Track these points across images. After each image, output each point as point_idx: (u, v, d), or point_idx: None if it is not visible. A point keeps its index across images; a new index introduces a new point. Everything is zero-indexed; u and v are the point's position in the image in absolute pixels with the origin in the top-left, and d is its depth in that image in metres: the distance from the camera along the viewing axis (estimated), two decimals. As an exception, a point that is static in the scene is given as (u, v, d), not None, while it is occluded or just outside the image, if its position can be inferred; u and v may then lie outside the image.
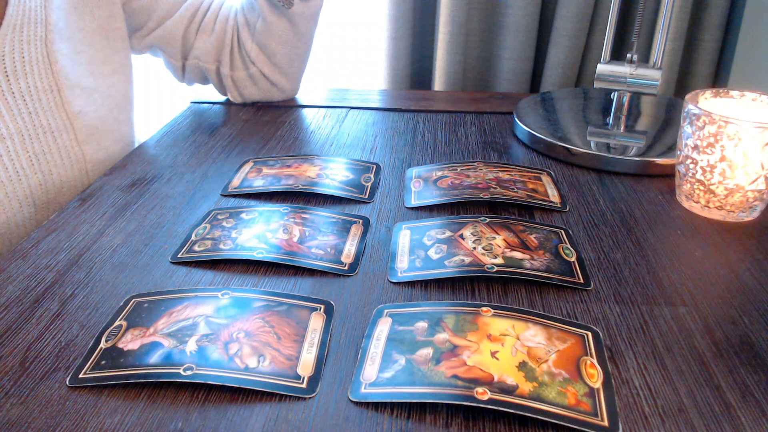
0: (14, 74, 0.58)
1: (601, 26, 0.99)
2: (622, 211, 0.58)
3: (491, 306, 0.43)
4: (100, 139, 0.67)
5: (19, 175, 0.59)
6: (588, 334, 0.41)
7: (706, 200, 0.56)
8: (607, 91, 0.84)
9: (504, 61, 1.01)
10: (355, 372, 0.38)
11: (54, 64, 0.61)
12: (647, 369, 0.39)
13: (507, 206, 0.58)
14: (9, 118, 0.58)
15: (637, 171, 0.65)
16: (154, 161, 0.68)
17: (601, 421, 0.34)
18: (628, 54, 0.76)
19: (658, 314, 0.44)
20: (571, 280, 0.47)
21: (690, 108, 0.56)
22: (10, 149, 0.58)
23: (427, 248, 0.50)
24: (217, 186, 0.62)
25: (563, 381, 0.37)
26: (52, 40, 0.61)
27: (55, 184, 0.63)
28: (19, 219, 0.60)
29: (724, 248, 0.52)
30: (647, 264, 0.50)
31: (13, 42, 0.57)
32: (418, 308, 0.43)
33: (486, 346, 0.39)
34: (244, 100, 0.84)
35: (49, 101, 0.61)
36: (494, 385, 0.36)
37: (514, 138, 0.75)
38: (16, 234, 0.60)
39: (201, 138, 0.74)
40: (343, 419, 0.35)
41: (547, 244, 0.51)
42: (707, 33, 0.99)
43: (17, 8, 0.58)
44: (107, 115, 0.69)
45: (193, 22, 0.78)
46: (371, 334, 0.41)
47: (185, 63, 0.81)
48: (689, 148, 0.56)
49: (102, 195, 0.60)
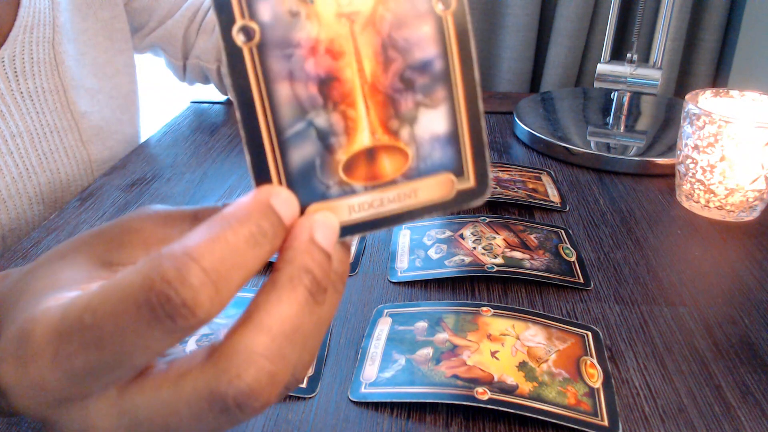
0: (23, 75, 0.58)
1: (601, 26, 1.00)
2: (622, 211, 0.58)
3: (491, 306, 0.43)
4: (104, 140, 0.68)
5: (29, 172, 0.60)
6: (588, 334, 0.41)
7: (706, 200, 0.56)
8: (607, 91, 0.84)
9: (504, 61, 1.01)
10: (355, 372, 0.38)
11: (61, 65, 0.62)
12: (647, 369, 0.39)
13: (507, 206, 0.58)
14: (18, 117, 0.58)
15: (637, 171, 0.65)
16: (154, 161, 0.68)
17: (601, 421, 0.34)
18: (628, 54, 0.76)
19: (658, 314, 0.44)
20: (571, 280, 0.47)
21: (690, 108, 0.56)
22: (20, 147, 0.59)
23: (427, 248, 0.50)
24: (217, 186, 0.62)
25: (563, 381, 0.37)
26: (59, 42, 0.62)
27: (62, 182, 0.63)
28: (29, 216, 0.60)
29: (724, 248, 0.52)
30: (647, 264, 0.50)
31: (23, 43, 0.58)
32: (418, 308, 0.43)
33: (486, 345, 0.39)
34: (245, 99, 0.84)
35: (56, 101, 0.62)
36: (494, 385, 0.36)
37: (514, 138, 0.75)
38: (26, 231, 0.60)
39: (201, 138, 0.74)
40: (343, 419, 0.35)
41: (547, 243, 0.51)
42: (707, 33, 0.99)
43: (28, 10, 0.59)
44: (111, 115, 0.69)
45: (193, 21, 0.79)
46: (371, 333, 0.41)
47: (186, 63, 0.81)
48: (689, 147, 0.56)
49: (102, 195, 0.60)
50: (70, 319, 0.19)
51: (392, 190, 0.23)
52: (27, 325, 0.20)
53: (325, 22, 0.21)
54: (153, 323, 0.18)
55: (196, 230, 0.19)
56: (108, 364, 0.19)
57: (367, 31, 0.21)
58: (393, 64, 0.22)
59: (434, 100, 0.22)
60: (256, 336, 0.19)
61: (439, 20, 0.22)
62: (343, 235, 0.22)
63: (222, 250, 0.19)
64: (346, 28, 0.21)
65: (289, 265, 0.20)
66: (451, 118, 0.23)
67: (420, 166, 0.23)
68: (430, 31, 0.22)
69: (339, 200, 0.22)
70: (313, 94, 0.21)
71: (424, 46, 0.22)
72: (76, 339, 0.19)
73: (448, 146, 0.23)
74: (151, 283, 0.18)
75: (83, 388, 0.20)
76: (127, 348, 0.19)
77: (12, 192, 0.58)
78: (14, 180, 0.59)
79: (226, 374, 0.19)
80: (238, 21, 0.20)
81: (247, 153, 0.21)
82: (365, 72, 0.22)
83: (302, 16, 0.21)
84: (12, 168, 0.58)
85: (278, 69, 0.21)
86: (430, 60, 0.22)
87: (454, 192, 0.23)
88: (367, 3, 0.21)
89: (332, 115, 0.22)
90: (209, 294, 0.18)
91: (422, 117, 0.22)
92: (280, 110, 0.21)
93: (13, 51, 0.58)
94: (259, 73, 0.21)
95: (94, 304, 0.19)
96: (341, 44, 0.21)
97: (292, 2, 0.21)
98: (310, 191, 0.22)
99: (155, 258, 0.19)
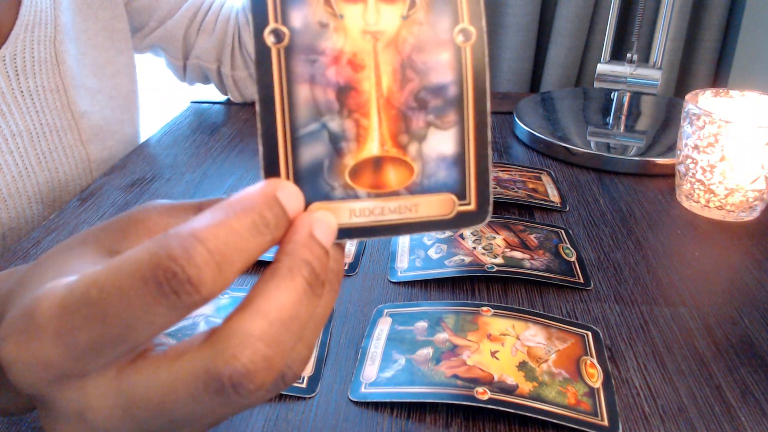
0: (24, 73, 0.59)
1: (601, 26, 1.00)
2: (622, 211, 0.58)
3: (491, 306, 0.43)
4: (104, 139, 0.68)
5: (29, 171, 0.60)
6: (588, 334, 0.41)
7: (706, 200, 0.56)
8: (607, 91, 0.84)
9: (504, 61, 1.01)
10: (355, 372, 0.38)
11: (62, 64, 0.62)
12: (647, 369, 0.39)
13: (507, 206, 0.58)
14: (18, 116, 0.58)
15: (637, 171, 0.65)
16: (154, 161, 0.68)
17: (601, 421, 0.34)
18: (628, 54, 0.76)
19: (658, 314, 0.44)
20: (571, 280, 0.47)
21: (690, 108, 0.56)
22: (20, 146, 0.59)
23: (427, 248, 0.50)
24: (217, 186, 0.62)
25: (563, 381, 0.37)
26: (61, 41, 0.62)
27: (61, 182, 0.63)
28: (29, 215, 0.60)
29: (724, 248, 0.52)
30: (647, 264, 0.50)
31: (24, 42, 0.58)
32: (418, 308, 0.43)
33: (486, 345, 0.39)
34: (245, 99, 0.84)
35: (56, 101, 0.62)
36: (494, 385, 0.36)
37: (514, 138, 0.75)
38: (26, 230, 0.60)
39: (201, 138, 0.74)
40: (343, 419, 0.35)
41: (547, 243, 0.51)
42: (707, 33, 0.99)
43: (30, 8, 0.59)
44: (111, 115, 0.69)
45: (194, 21, 0.79)
46: (371, 333, 0.41)
47: (186, 63, 0.81)
48: (689, 147, 0.56)
49: (102, 195, 0.60)
50: (76, 294, 0.20)
51: (394, 201, 0.23)
52: (32, 302, 0.20)
53: (351, 36, 0.23)
54: (159, 298, 0.19)
55: (202, 214, 0.20)
56: (111, 339, 0.20)
57: (389, 50, 0.23)
58: (410, 84, 0.23)
59: (445, 122, 0.24)
60: (253, 320, 0.20)
61: (459, 50, 0.23)
62: (340, 237, 0.23)
63: (226, 234, 0.20)
64: (370, 45, 0.23)
65: (289, 256, 0.21)
66: (459, 141, 0.24)
67: (424, 183, 0.24)
68: (449, 58, 0.23)
69: (341, 203, 0.23)
70: (331, 99, 0.23)
71: (441, 72, 0.23)
72: (81, 313, 0.19)
73: (454, 168, 0.24)
74: (158, 260, 0.19)
75: (84, 364, 0.20)
76: (131, 323, 0.19)
77: (12, 191, 0.58)
78: (14, 179, 0.59)
79: (223, 355, 0.20)
80: (270, 23, 0.22)
81: (261, 145, 0.22)
82: (382, 87, 0.23)
83: (330, 27, 0.22)
84: (12, 167, 0.58)
85: (301, 71, 0.22)
86: (446, 85, 0.23)
87: (454, 212, 0.24)
88: (393, 25, 0.23)
89: (346, 121, 0.23)
90: (212, 273, 0.19)
91: (431, 136, 0.24)
92: (298, 110, 0.22)
93: (14, 49, 0.58)
94: (283, 73, 0.22)
95: (100, 280, 0.19)
96: (363, 58, 0.23)
97: (323, 14, 0.22)
98: (315, 190, 0.23)
99: (162, 237, 0.19)
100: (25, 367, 0.20)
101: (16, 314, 0.20)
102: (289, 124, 0.22)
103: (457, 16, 0.23)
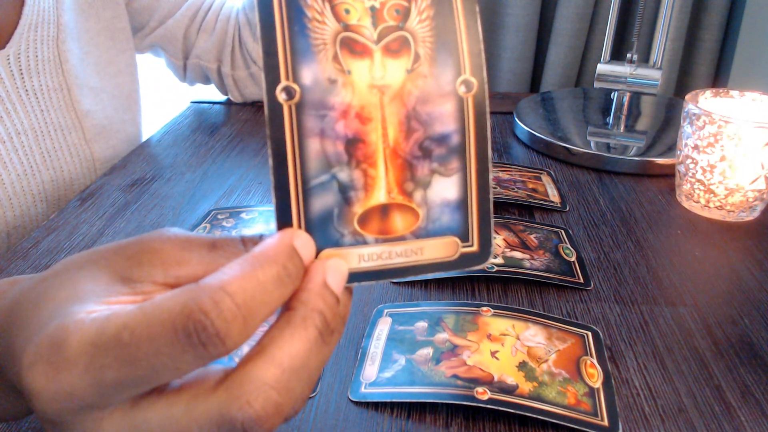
0: (27, 72, 0.59)
1: (601, 26, 1.00)
2: (622, 211, 0.58)
3: (491, 306, 0.43)
4: (107, 138, 0.68)
5: (33, 170, 0.60)
6: (588, 334, 0.41)
7: (706, 200, 0.56)
8: (607, 91, 0.84)
9: (504, 61, 1.01)
10: (355, 372, 0.38)
11: (65, 63, 0.62)
12: (647, 369, 0.39)
13: (507, 206, 0.58)
14: (23, 115, 0.59)
15: (637, 171, 0.65)
16: (154, 161, 0.68)
17: (601, 421, 0.34)
18: (628, 54, 0.76)
19: (658, 314, 0.44)
20: (571, 280, 0.47)
21: (690, 108, 0.56)
22: (24, 145, 0.59)
23: (427, 248, 0.50)
24: (217, 186, 0.62)
25: (563, 381, 0.37)
26: (64, 40, 0.62)
27: (65, 181, 0.63)
28: (33, 214, 0.60)
29: (724, 248, 0.52)
30: (647, 264, 0.50)
31: (28, 41, 0.59)
32: (418, 308, 0.43)
33: (486, 345, 0.39)
34: (245, 99, 0.84)
35: (59, 100, 0.62)
36: (494, 385, 0.36)
37: (514, 138, 0.75)
38: (30, 229, 0.60)
39: (201, 138, 0.74)
40: (343, 419, 0.35)
41: (547, 243, 0.51)
42: (707, 33, 0.99)
43: (33, 8, 0.59)
44: (114, 114, 0.69)
45: (194, 21, 0.79)
46: (371, 333, 0.41)
47: (186, 62, 0.81)
48: (689, 148, 0.56)
49: (102, 195, 0.60)
50: (108, 335, 0.20)
51: (401, 245, 0.24)
52: (61, 333, 0.21)
53: (358, 90, 0.23)
54: (187, 347, 0.20)
55: (230, 266, 0.21)
56: (137, 379, 0.20)
57: (394, 103, 0.24)
58: (414, 134, 0.24)
59: (448, 169, 0.25)
60: (267, 368, 0.21)
61: (461, 101, 0.24)
62: (350, 281, 0.24)
63: (253, 287, 0.21)
64: (377, 98, 0.24)
65: (304, 305, 0.22)
66: (462, 187, 0.25)
67: (429, 227, 0.25)
68: (452, 109, 0.24)
69: (351, 249, 0.24)
70: (340, 151, 0.24)
71: (445, 122, 0.24)
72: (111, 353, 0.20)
73: (457, 212, 0.25)
74: (189, 312, 0.20)
75: (107, 399, 0.21)
76: (158, 367, 0.20)
77: (17, 189, 0.58)
78: (18, 177, 0.59)
79: (238, 401, 0.21)
80: (282, 81, 0.23)
81: (274, 197, 0.23)
82: (389, 137, 0.24)
83: (339, 83, 0.23)
84: (17, 165, 0.58)
85: (312, 126, 0.23)
86: (449, 134, 0.24)
87: (457, 254, 0.25)
88: (398, 79, 0.24)
89: (354, 171, 0.24)
90: (239, 327, 0.20)
91: (436, 183, 0.25)
92: (309, 162, 0.23)
93: (18, 49, 0.58)
94: (294, 129, 0.23)
95: (132, 324, 0.20)
96: (370, 111, 0.24)
97: (332, 71, 0.23)
98: (326, 237, 0.24)
99: (194, 289, 0.20)
100: (51, 397, 0.21)
101: (45, 343, 0.21)
102: (300, 176, 0.23)
103: (460, 68, 0.24)
